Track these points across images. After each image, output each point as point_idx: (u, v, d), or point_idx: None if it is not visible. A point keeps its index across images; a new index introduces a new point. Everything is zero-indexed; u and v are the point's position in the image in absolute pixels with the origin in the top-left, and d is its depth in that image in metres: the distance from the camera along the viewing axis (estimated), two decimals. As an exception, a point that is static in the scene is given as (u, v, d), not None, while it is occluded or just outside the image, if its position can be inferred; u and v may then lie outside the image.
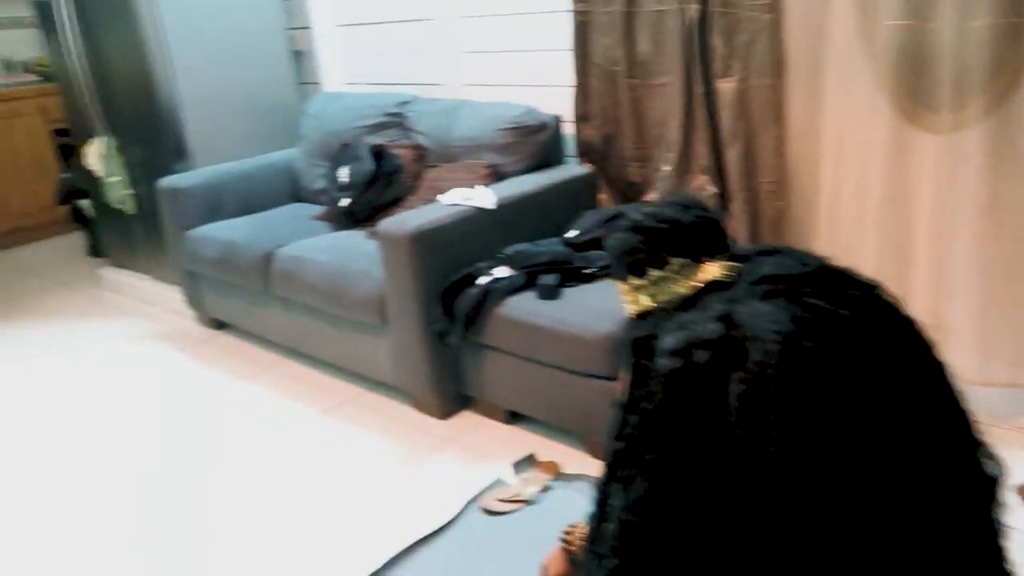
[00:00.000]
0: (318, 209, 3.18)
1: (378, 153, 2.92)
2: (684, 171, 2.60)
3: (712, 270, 0.78)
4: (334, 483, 2.20)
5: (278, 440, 2.44)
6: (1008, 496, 0.74)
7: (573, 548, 1.43)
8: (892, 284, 2.39)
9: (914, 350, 0.70)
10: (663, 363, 0.72)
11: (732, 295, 0.74)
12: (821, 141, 2.32)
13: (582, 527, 1.47)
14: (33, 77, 4.80)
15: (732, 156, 2.44)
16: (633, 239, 0.87)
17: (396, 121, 3.13)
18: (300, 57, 3.69)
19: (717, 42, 2.37)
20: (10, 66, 4.91)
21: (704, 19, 2.37)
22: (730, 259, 0.79)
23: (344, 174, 2.93)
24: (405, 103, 3.14)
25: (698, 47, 2.41)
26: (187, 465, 2.35)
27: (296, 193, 3.41)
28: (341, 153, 3.09)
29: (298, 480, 2.23)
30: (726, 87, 2.39)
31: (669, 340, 0.73)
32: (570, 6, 2.68)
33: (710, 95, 2.45)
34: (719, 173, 2.50)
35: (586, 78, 2.74)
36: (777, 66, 2.29)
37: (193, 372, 2.94)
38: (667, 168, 2.63)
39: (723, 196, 2.50)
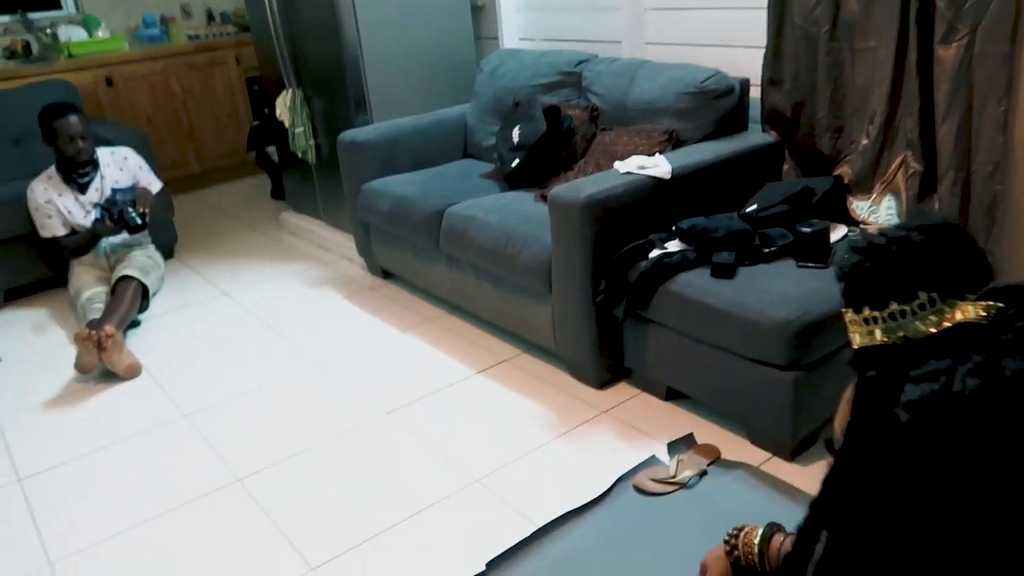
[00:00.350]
0: (488, 167, 3.19)
1: (552, 114, 2.87)
2: (886, 145, 2.36)
3: (968, 310, 0.67)
4: (486, 442, 2.23)
5: (433, 393, 2.50)
6: None
7: (737, 552, 1.35)
8: None
9: None
10: (905, 416, 0.64)
11: (993, 343, 0.64)
12: (1059, 119, 2.02)
13: (749, 530, 1.39)
14: (231, 28, 5.13)
15: (945, 131, 2.18)
16: (870, 263, 0.77)
17: (572, 81, 3.05)
18: (479, 11, 3.68)
19: (941, 2, 2.10)
20: (211, 17, 5.27)
21: (928, -24, 2.11)
22: (990, 298, 0.68)
23: (516, 134, 2.90)
24: (582, 62, 3.05)
25: (916, 6, 2.15)
26: (342, 408, 2.46)
27: (467, 149, 3.44)
28: (514, 112, 3.07)
29: (450, 435, 2.27)
30: (947, 54, 2.12)
31: (914, 391, 0.64)
32: (769, -40, 2.48)
33: (926, 62, 2.19)
34: (928, 150, 2.24)
35: (780, 39, 2.53)
36: (1013, 30, 2.00)
37: (359, 318, 3.06)
38: (866, 141, 2.40)
39: (929, 175, 2.25)
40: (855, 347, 0.84)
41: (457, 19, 3.57)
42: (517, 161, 2.87)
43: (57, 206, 3.21)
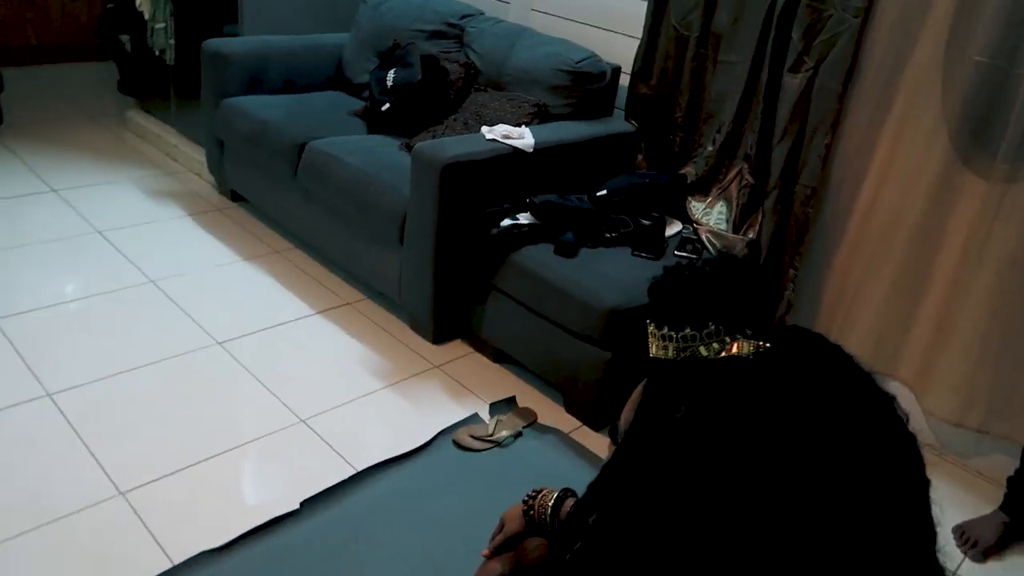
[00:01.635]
0: (357, 104, 3.13)
1: (429, 63, 2.86)
2: (727, 155, 2.56)
3: (743, 346, 0.80)
4: (317, 383, 2.27)
5: (270, 327, 2.49)
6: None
7: (533, 512, 1.49)
8: (898, 311, 2.40)
9: (906, 470, 0.74)
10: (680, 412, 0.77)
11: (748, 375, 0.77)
12: (871, 157, 2.28)
13: (546, 493, 1.53)
14: None
15: (779, 152, 2.40)
16: (671, 287, 0.89)
17: (454, 33, 3.05)
18: (370, -61, 3.55)
19: (795, 34, 2.29)
20: None
21: (790, 7, 2.29)
22: (766, 336, 0.81)
23: (391, 77, 2.87)
24: (468, 16, 3.05)
25: (775, 34, 2.34)
26: (173, 332, 2.41)
27: (338, 81, 3.35)
28: (392, 53, 3.03)
29: (282, 373, 2.29)
30: (792, 82, 2.33)
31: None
32: (656, -42, 2.58)
33: (774, 85, 2.39)
34: (761, 166, 2.46)
35: (655, 36, 2.66)
36: (848, 73, 2.23)
37: (200, 238, 2.96)
38: (711, 148, 2.59)
39: (759, 189, 2.48)
40: (651, 355, 0.96)
41: (347, -59, 3.43)
42: (387, 106, 2.85)
43: None
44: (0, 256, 2.67)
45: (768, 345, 0.87)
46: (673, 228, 2.51)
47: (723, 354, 0.88)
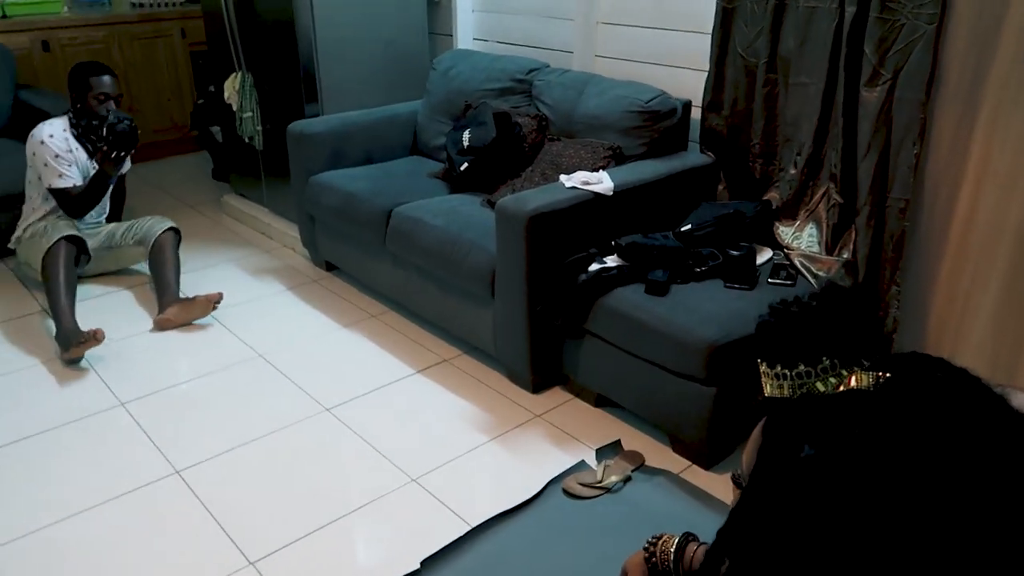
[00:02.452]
0: (436, 166, 3.25)
1: (502, 120, 2.95)
2: (811, 176, 2.52)
3: (862, 378, 0.79)
4: (423, 441, 2.32)
5: (374, 390, 2.57)
6: None
7: (655, 560, 1.48)
8: (1013, 319, 2.29)
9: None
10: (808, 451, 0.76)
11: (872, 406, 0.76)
12: (965, 165, 2.20)
13: (666, 539, 1.51)
14: (178, -1, 5.01)
15: (865, 168, 2.35)
16: (779, 325, 0.89)
17: (523, 88, 3.13)
18: (435, 7, 3.71)
19: (868, 48, 2.26)
20: (158, -14, 5.13)
21: (858, 22, 2.26)
22: (882, 366, 0.80)
23: (466, 137, 2.97)
24: (534, 70, 3.14)
25: (846, 51, 2.31)
26: (282, 402, 2.51)
27: (416, 146, 3.48)
28: (464, 114, 3.13)
29: (389, 433, 2.35)
30: (870, 96, 2.29)
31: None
32: (717, -9, 2.60)
33: (851, 102, 2.35)
34: (848, 183, 2.41)
35: (722, 67, 2.67)
36: (929, 81, 2.17)
37: (301, 310, 3.10)
38: (793, 171, 2.56)
39: (849, 208, 2.42)
40: (765, 395, 0.94)
41: (413, 14, 3.60)
42: (466, 165, 2.94)
43: (76, 157, 3.08)
44: (119, 344, 2.85)
45: (888, 375, 0.85)
46: (764, 256, 2.48)
47: (842, 388, 0.87)
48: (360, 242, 3.05)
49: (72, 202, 3.06)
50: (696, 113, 2.82)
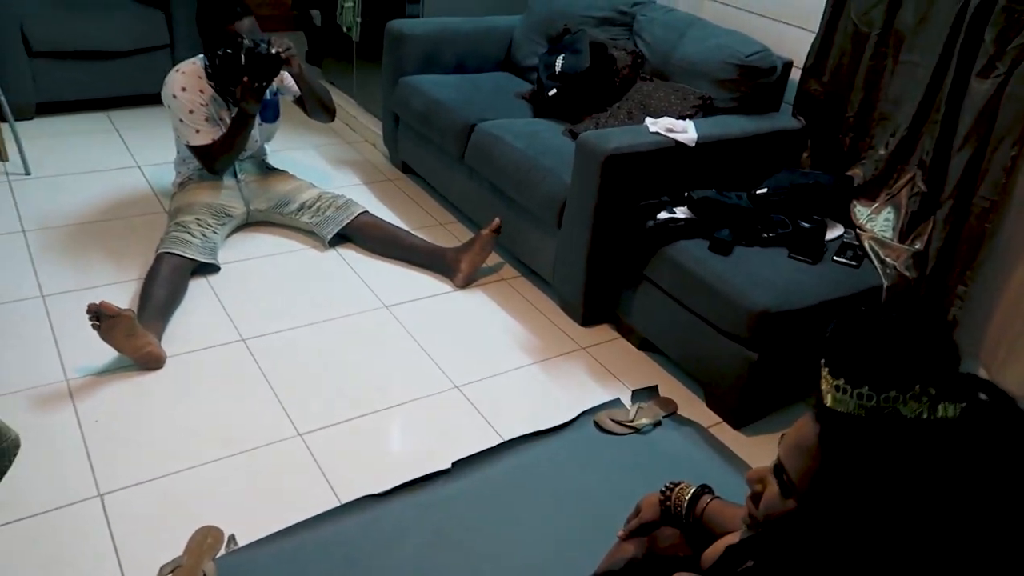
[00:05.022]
0: (525, 86, 3.25)
1: (598, 51, 2.92)
2: (900, 159, 2.47)
3: (948, 411, 0.82)
4: (470, 352, 2.43)
5: (431, 296, 2.69)
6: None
7: (669, 503, 1.57)
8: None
9: None
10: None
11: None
12: (1064, 174, 2.14)
13: (683, 486, 1.60)
14: None
15: (958, 160, 2.29)
16: (855, 340, 0.88)
17: (625, 20, 3.09)
18: (548, -78, 3.62)
19: (988, 37, 2.17)
20: None
21: (984, 8, 2.16)
22: (960, 398, 0.82)
23: (559, 63, 2.96)
24: (639, 4, 3.08)
25: (964, 37, 2.22)
26: (345, 295, 2.64)
27: (507, 63, 3.48)
28: (561, 38, 3.11)
29: (439, 340, 2.47)
30: (980, 87, 2.21)
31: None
32: (842, -49, 2.50)
33: (959, 90, 2.27)
34: (936, 174, 2.36)
35: (832, 31, 2.59)
36: (1047, 82, 2.09)
37: (373, 207, 3.17)
38: (883, 151, 2.51)
39: (932, 198, 2.38)
40: (827, 405, 0.90)
41: (526, -75, 3.53)
42: (554, 91, 2.95)
43: (212, 111, 2.71)
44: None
45: (966, 406, 0.84)
46: (834, 231, 2.46)
47: (923, 415, 0.83)
48: (439, 150, 3.12)
49: (212, 157, 2.71)
50: (795, 75, 2.75)
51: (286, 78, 2.86)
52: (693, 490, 1.57)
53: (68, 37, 3.49)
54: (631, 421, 2.21)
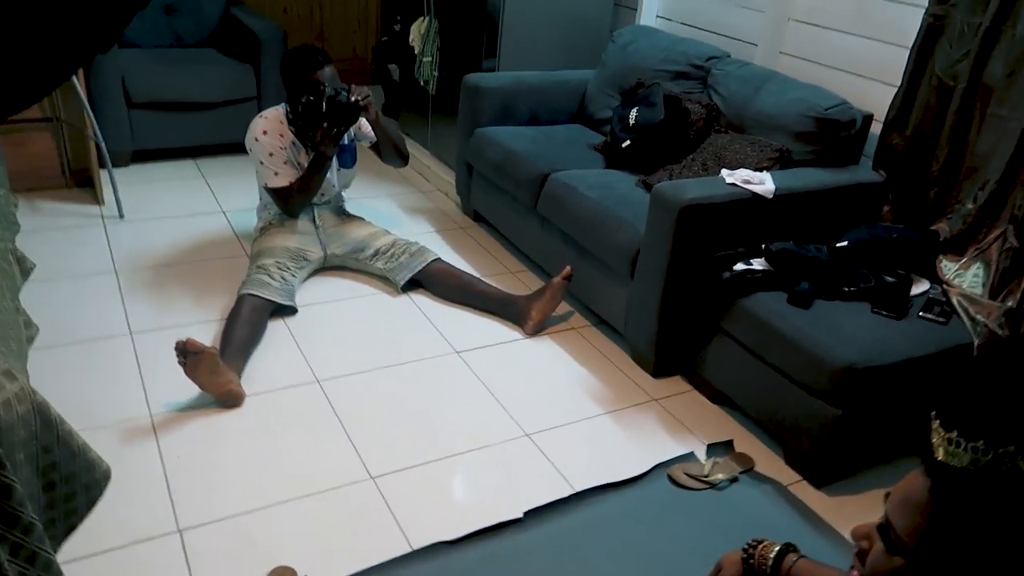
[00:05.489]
0: (597, 138, 3.29)
1: (672, 103, 2.94)
2: (990, 214, 2.39)
3: None
4: (542, 401, 2.42)
5: (503, 343, 2.69)
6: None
7: (752, 562, 1.51)
8: None
9: None
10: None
11: None
12: None
13: (767, 544, 1.55)
14: (379, -64, 5.23)
15: (1053, 216, 2.21)
16: (976, 396, 0.86)
17: (699, 74, 3.11)
18: (622, -21, 3.72)
19: (1085, 90, 2.11)
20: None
21: (1079, 61, 2.11)
22: None
23: (633, 115, 2.99)
24: (714, 59, 3.10)
25: (1059, 89, 2.16)
26: (417, 340, 2.67)
27: (580, 114, 3.53)
28: (634, 91, 3.15)
29: (510, 387, 2.47)
30: (1076, 141, 2.14)
31: None
32: (925, 4, 2.48)
33: (1053, 144, 2.20)
34: (1030, 229, 2.28)
35: (916, 84, 2.55)
36: None
37: (445, 254, 3.22)
38: (971, 205, 2.43)
39: (1023, 253, 2.29)
40: (938, 459, 0.87)
41: (600, -18, 3.62)
42: (628, 142, 2.97)
43: (291, 155, 2.81)
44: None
45: None
46: (920, 287, 2.39)
47: None
48: (512, 199, 3.16)
49: (289, 198, 2.80)
50: (875, 128, 2.72)
51: (363, 125, 2.97)
52: (778, 548, 1.51)
53: (165, 90, 3.69)
54: (706, 476, 2.15)
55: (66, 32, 0.78)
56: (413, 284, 2.93)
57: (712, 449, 2.28)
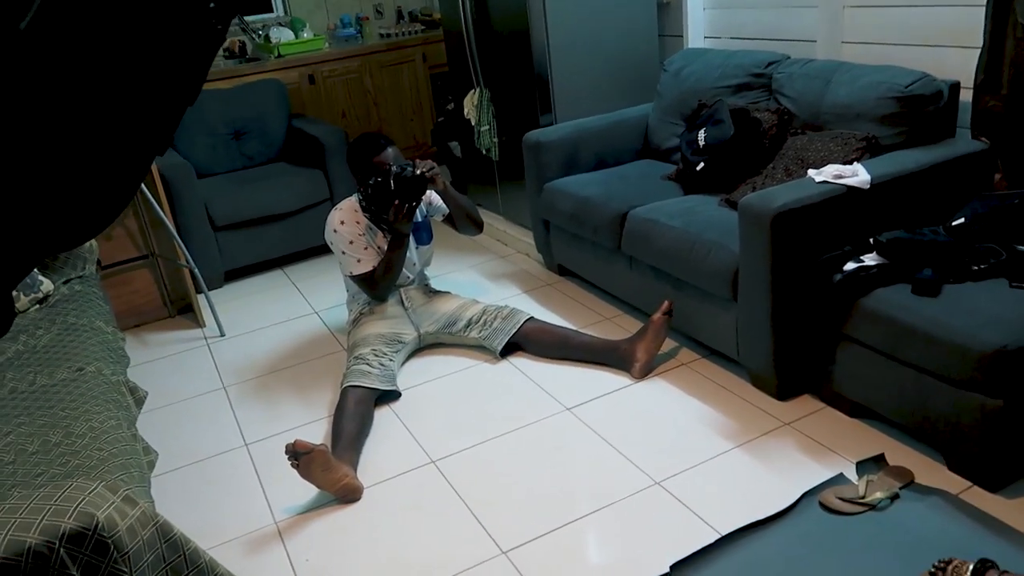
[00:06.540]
0: (668, 168, 3.21)
1: (740, 116, 2.84)
2: (1121, 158, 2.17)
3: None
4: (665, 445, 2.28)
5: (614, 391, 2.58)
6: None
7: (944, 584, 1.33)
8: None
9: None
10: None
11: None
12: None
13: (958, 564, 1.37)
14: (419, 26, 5.41)
15: None
16: None
17: (761, 83, 3.01)
18: (664, 8, 3.68)
19: None
20: (401, 16, 5.58)
21: None
22: None
23: (702, 137, 2.90)
24: (773, 63, 3.00)
25: None
26: (525, 401, 2.59)
27: (646, 149, 3.47)
28: (698, 114, 3.06)
29: (629, 436, 2.34)
30: None
31: None
32: (992, -45, 2.33)
33: None
34: None
35: (1000, 39, 2.37)
36: None
37: (537, 313, 3.16)
38: (1096, 153, 2.21)
39: None
40: None
41: (642, 17, 3.59)
42: (702, 164, 2.88)
43: (370, 240, 2.85)
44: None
45: None
46: (1058, 251, 2.16)
47: None
48: (594, 245, 3.09)
49: (375, 282, 2.83)
50: (965, 95, 2.53)
51: (434, 199, 3.00)
52: (972, 566, 1.33)
53: (244, 208, 3.85)
54: (863, 497, 1.95)
55: (123, 143, 0.77)
56: (511, 348, 2.87)
57: (863, 467, 2.08)
